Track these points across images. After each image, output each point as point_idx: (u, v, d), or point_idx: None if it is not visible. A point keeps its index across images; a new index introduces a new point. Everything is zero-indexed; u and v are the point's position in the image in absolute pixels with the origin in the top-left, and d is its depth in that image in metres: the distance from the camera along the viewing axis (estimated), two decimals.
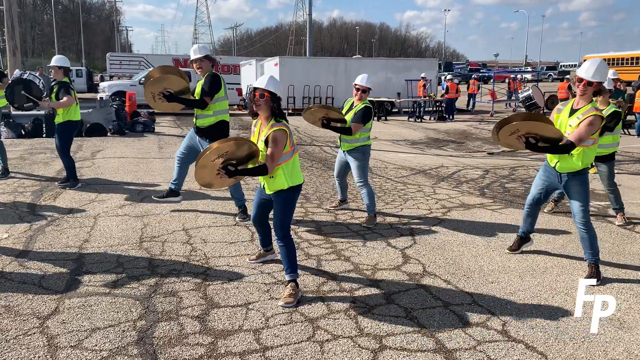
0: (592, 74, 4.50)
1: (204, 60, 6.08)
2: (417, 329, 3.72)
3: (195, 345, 3.45)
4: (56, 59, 7.84)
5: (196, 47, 6.19)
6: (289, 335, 3.60)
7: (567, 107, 4.73)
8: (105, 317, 3.79)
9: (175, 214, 6.49)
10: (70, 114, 7.78)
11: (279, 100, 4.19)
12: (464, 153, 12.77)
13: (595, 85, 4.53)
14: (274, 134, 4.07)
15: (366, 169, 6.37)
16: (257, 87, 4.11)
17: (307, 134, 15.95)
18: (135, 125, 15.42)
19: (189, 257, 5.03)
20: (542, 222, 6.51)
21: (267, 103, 4.12)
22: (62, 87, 7.64)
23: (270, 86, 4.11)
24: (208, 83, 6.01)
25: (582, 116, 4.50)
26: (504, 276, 4.73)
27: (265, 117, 4.22)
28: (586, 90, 4.56)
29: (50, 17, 78.84)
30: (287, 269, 4.24)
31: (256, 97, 4.12)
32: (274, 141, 4.07)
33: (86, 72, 36.78)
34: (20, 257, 4.97)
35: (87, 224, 6.03)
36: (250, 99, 4.21)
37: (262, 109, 4.16)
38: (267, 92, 4.09)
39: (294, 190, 4.28)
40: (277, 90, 4.16)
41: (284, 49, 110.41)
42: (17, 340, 3.45)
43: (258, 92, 4.11)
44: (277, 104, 4.17)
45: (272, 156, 4.08)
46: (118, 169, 9.45)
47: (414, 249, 5.40)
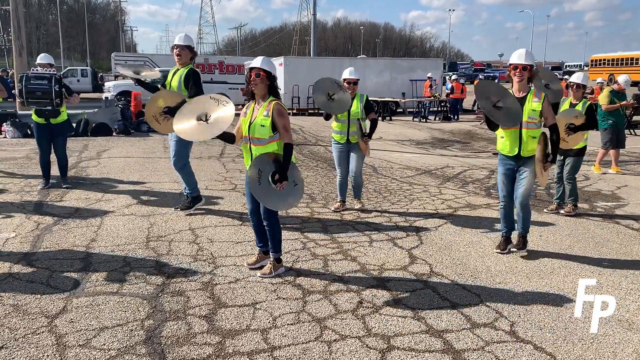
0: (524, 59, 4.88)
1: (184, 49, 6.22)
2: (425, 329, 3.71)
3: (203, 344, 3.45)
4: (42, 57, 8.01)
5: (183, 35, 6.38)
6: (297, 335, 3.60)
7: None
8: (113, 317, 3.79)
9: (181, 214, 6.49)
10: (66, 113, 7.90)
11: (274, 79, 4.42)
12: (469, 153, 12.75)
13: (529, 69, 4.92)
14: (277, 107, 4.32)
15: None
16: (253, 66, 4.35)
17: (312, 134, 15.95)
18: (141, 125, 15.44)
19: (196, 257, 5.04)
20: (549, 223, 6.49)
21: (264, 81, 4.34)
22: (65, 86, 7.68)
23: (265, 65, 4.33)
24: (196, 80, 6.14)
25: (539, 99, 4.91)
26: (511, 277, 4.72)
27: (261, 96, 4.41)
28: (523, 76, 4.93)
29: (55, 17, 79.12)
30: (271, 248, 4.61)
31: (252, 76, 4.33)
32: (280, 114, 4.31)
33: (91, 72, 36.78)
34: (27, 256, 4.98)
35: (94, 224, 6.05)
36: (247, 80, 4.41)
37: (259, 88, 4.36)
38: (262, 71, 4.32)
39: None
40: (272, 69, 4.38)
41: (288, 49, 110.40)
42: (26, 339, 3.46)
43: (254, 72, 4.33)
44: (273, 83, 4.40)
45: (286, 127, 4.33)
46: (124, 169, 9.46)
47: (420, 249, 5.39)
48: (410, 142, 14.79)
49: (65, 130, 7.96)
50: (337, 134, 6.68)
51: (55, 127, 7.73)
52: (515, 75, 4.95)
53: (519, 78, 4.93)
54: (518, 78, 4.94)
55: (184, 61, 6.24)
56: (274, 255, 4.62)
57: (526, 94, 4.97)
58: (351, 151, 6.68)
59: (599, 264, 5.08)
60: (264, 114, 4.30)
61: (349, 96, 6.41)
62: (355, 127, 6.54)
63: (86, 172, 9.12)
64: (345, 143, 6.65)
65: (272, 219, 4.50)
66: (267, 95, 4.40)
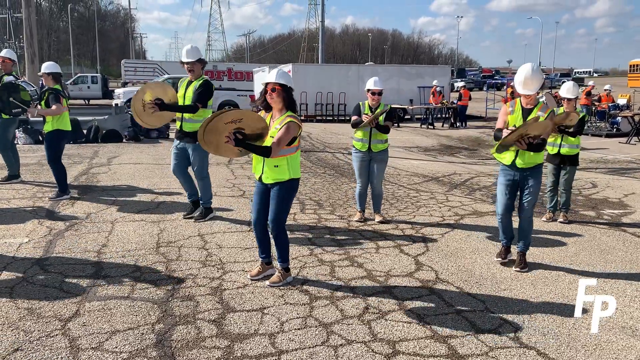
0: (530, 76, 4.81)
1: (196, 63, 6.19)
2: (430, 334, 3.77)
3: (212, 348, 3.53)
4: (45, 65, 7.73)
5: (189, 47, 6.26)
6: (304, 339, 3.67)
7: (518, 107, 5.05)
8: (125, 320, 3.88)
9: (190, 220, 6.59)
10: (61, 123, 7.56)
11: (290, 91, 4.37)
12: (476, 160, 12.78)
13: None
14: (290, 123, 4.26)
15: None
16: (269, 81, 4.31)
17: (320, 141, 16.05)
18: (150, 132, 15.60)
19: (205, 262, 5.13)
20: (554, 230, 6.53)
21: (280, 95, 4.31)
22: (51, 94, 7.47)
23: (281, 79, 4.30)
24: (204, 91, 6.13)
25: (544, 113, 4.87)
26: (516, 284, 4.77)
27: (278, 110, 4.39)
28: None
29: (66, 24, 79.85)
30: (279, 258, 4.63)
31: (268, 91, 4.30)
32: (286, 129, 4.24)
33: (101, 79, 37.15)
34: (41, 261, 5.09)
35: (105, 229, 6.16)
36: (262, 94, 4.39)
37: (275, 102, 4.34)
38: (277, 85, 4.29)
39: (293, 183, 4.46)
40: (288, 82, 4.34)
41: (296, 55, 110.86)
42: (40, 342, 3.55)
43: (270, 87, 4.30)
44: (289, 95, 4.36)
45: (279, 141, 4.25)
46: (134, 175, 9.59)
47: (426, 256, 5.45)
48: (418, 148, 14.85)
49: (49, 141, 7.58)
50: (359, 142, 6.57)
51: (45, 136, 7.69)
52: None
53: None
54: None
55: (198, 74, 6.22)
56: (282, 265, 4.63)
57: (533, 106, 4.98)
58: (372, 161, 6.56)
59: (604, 272, 5.12)
60: (277, 127, 4.28)
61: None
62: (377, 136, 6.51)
63: (97, 178, 9.25)
64: (366, 151, 6.54)
65: (280, 227, 4.50)
66: (284, 109, 4.36)
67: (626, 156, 13.71)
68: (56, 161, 7.61)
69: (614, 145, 16.00)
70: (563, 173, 6.90)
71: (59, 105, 7.44)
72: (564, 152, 6.79)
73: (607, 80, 44.01)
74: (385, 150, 6.59)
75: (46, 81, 7.70)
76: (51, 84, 7.62)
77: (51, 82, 7.62)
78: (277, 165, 4.36)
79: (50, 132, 7.57)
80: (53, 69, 7.65)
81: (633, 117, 17.78)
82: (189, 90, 6.21)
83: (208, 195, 6.59)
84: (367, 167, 6.63)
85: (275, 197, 4.45)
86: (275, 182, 4.42)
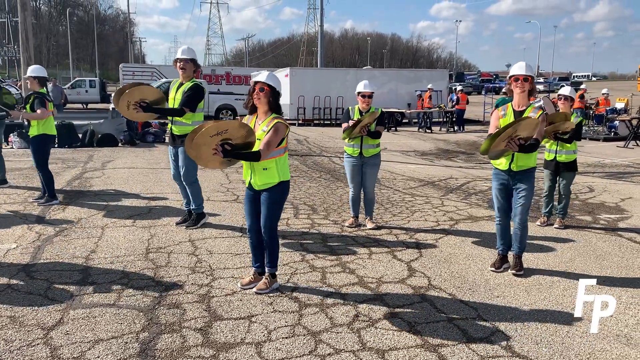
0: (524, 71, 4.87)
1: (188, 62, 6.17)
2: (420, 343, 3.69)
3: (196, 358, 3.44)
4: (31, 69, 7.61)
5: (186, 47, 6.30)
6: (291, 348, 3.59)
7: (510, 111, 5.00)
8: (109, 329, 3.80)
9: (181, 226, 6.51)
10: (46, 127, 7.46)
11: (277, 95, 4.32)
12: (473, 164, 12.72)
13: (530, 80, 4.90)
14: (277, 124, 4.20)
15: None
16: (258, 80, 4.27)
17: (317, 145, 15.99)
18: (146, 136, 15.56)
19: (194, 269, 5.05)
20: (550, 235, 6.45)
21: (267, 96, 4.25)
22: (36, 99, 7.36)
23: (270, 80, 4.26)
24: (193, 95, 6.06)
25: (535, 115, 4.81)
26: (510, 290, 4.69)
27: (263, 112, 4.33)
28: (524, 87, 4.90)
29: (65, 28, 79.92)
30: (268, 263, 4.55)
31: (256, 90, 4.25)
32: (275, 131, 4.19)
33: (99, 83, 37.13)
34: (27, 267, 5.01)
35: (95, 235, 6.08)
36: (249, 93, 4.33)
37: (262, 103, 4.28)
38: (266, 86, 4.24)
39: (283, 186, 4.40)
40: (277, 85, 4.30)
41: (295, 59, 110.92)
42: (21, 351, 3.47)
43: (258, 86, 4.25)
44: (275, 99, 4.31)
45: (269, 144, 4.18)
46: (128, 179, 9.51)
47: (419, 262, 5.38)
48: (415, 152, 14.78)
49: (35, 146, 7.48)
50: (350, 147, 6.49)
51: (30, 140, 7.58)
52: (517, 86, 4.92)
53: (521, 89, 4.90)
54: (520, 89, 4.91)
55: (188, 74, 6.18)
56: (270, 270, 4.56)
57: (525, 108, 4.95)
58: (364, 165, 6.47)
59: (599, 277, 5.03)
60: (264, 129, 4.22)
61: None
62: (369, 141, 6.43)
63: (90, 183, 9.17)
64: (358, 156, 6.46)
65: (272, 233, 4.45)
66: (269, 111, 4.30)
67: (624, 160, 13.64)
68: (44, 166, 7.52)
69: (611, 149, 15.94)
70: (561, 179, 6.83)
71: (43, 109, 7.34)
72: (561, 159, 6.71)
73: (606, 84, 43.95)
74: (377, 155, 6.51)
75: (32, 85, 7.53)
76: (37, 88, 7.50)
77: (37, 85, 7.49)
78: (266, 168, 4.31)
79: (35, 136, 7.45)
80: (39, 73, 7.54)
81: (631, 121, 17.73)
82: (179, 93, 6.15)
83: (199, 200, 6.51)
84: (360, 172, 6.54)
85: (265, 202, 4.39)
86: (265, 186, 4.35)
